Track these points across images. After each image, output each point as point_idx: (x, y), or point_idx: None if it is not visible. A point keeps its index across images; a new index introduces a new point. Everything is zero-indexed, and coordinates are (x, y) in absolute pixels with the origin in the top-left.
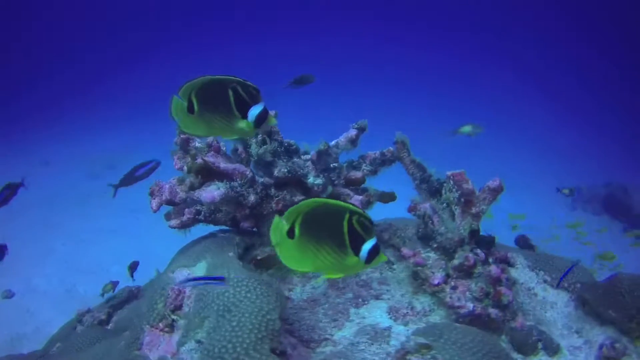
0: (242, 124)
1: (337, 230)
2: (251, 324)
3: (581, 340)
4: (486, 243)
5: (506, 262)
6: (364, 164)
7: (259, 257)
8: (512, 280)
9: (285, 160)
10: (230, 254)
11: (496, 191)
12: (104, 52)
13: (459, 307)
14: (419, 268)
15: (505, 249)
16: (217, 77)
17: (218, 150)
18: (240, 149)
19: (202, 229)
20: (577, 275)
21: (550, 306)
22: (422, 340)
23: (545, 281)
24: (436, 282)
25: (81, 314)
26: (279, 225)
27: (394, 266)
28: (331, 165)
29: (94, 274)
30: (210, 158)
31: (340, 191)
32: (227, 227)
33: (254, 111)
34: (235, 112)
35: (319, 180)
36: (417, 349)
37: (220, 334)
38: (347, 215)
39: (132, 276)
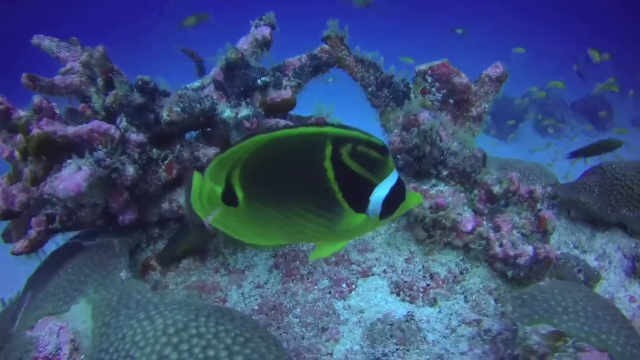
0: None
1: (314, 179)
2: None
3: (592, 257)
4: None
5: None
6: (286, 78)
7: (182, 249)
8: None
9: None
10: (122, 273)
11: (500, 80)
12: None
13: (516, 256)
14: (441, 213)
15: None
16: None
17: (53, 114)
18: (81, 106)
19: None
20: (540, 178)
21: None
22: (545, 328)
23: None
24: (470, 227)
25: None
26: (203, 189)
27: None
28: (257, 82)
29: None
30: (48, 127)
31: (268, 123)
32: (95, 229)
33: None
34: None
35: (245, 112)
36: (548, 344)
37: None
38: (328, 148)
39: None
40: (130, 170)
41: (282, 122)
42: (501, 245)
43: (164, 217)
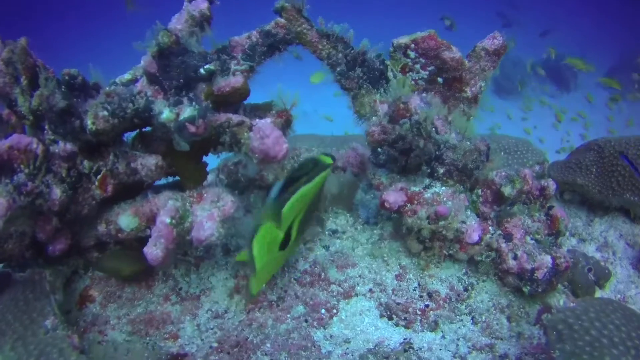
0: None
1: None
2: None
3: (593, 247)
4: None
5: None
6: (234, 62)
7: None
8: None
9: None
10: (48, 321)
11: (498, 54)
12: None
13: (533, 269)
14: (442, 223)
15: None
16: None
17: None
18: (5, 113)
19: None
20: (526, 156)
21: None
22: None
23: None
24: (476, 237)
25: None
26: (274, 238)
27: (350, 231)
28: (200, 72)
29: None
30: None
31: (218, 120)
32: (21, 262)
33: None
34: None
35: (188, 112)
36: None
37: None
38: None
39: None
40: (57, 192)
41: (235, 117)
42: (515, 257)
43: (102, 241)
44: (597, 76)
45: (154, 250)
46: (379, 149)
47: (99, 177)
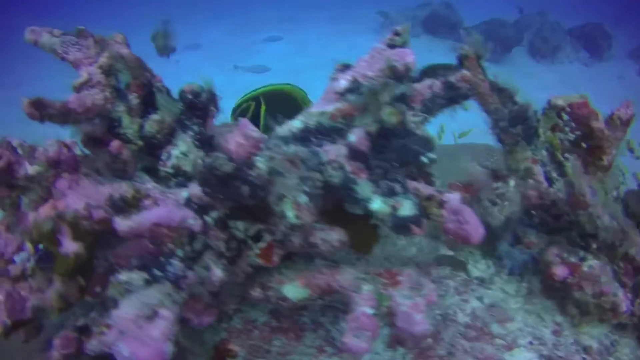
0: None
1: None
2: None
3: None
4: None
5: None
6: (411, 112)
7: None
8: None
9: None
10: None
11: (628, 123)
12: None
13: None
14: (604, 298)
15: None
16: None
17: (75, 166)
18: (114, 146)
19: None
20: None
21: None
22: None
23: None
24: (625, 307)
25: None
26: None
27: (496, 281)
28: (420, 159)
29: None
30: (76, 206)
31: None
32: None
33: None
34: None
35: (410, 209)
36: None
37: None
38: None
39: None
40: (218, 273)
41: (424, 189)
42: None
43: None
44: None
45: (356, 342)
46: (533, 212)
47: (261, 245)
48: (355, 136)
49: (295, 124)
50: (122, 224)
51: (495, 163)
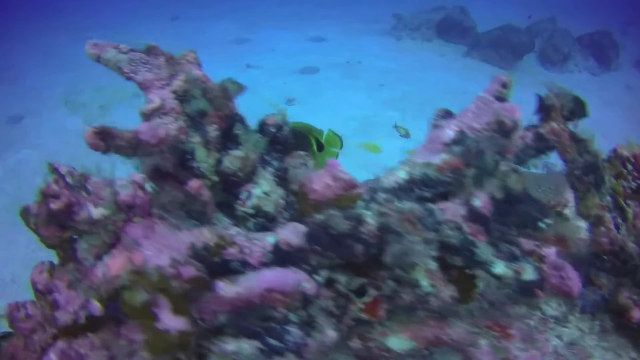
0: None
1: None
2: None
3: None
4: None
5: None
6: (503, 163)
7: None
8: None
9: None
10: None
11: None
12: None
13: None
14: None
15: None
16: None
17: (148, 211)
18: (194, 186)
19: None
20: None
21: None
22: None
23: None
24: None
25: None
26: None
27: (571, 319)
28: (539, 224)
29: None
30: (162, 263)
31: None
32: None
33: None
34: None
35: (532, 274)
36: None
37: None
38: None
39: None
40: (331, 334)
41: (524, 243)
42: None
43: None
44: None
45: None
46: (605, 257)
47: (366, 299)
48: (480, 200)
49: (400, 174)
50: (228, 290)
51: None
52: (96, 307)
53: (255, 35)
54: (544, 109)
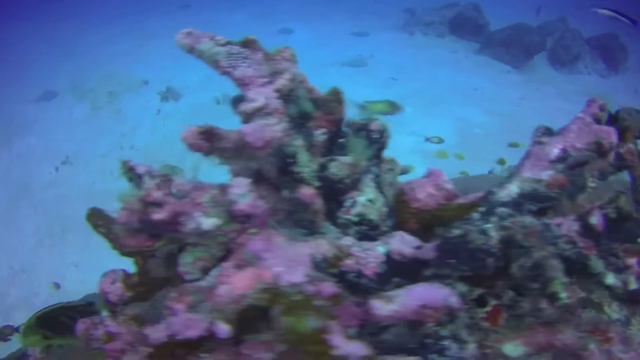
0: None
1: None
2: None
3: None
4: None
5: None
6: (589, 179)
7: None
8: None
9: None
10: None
11: None
12: None
13: None
14: None
15: None
16: None
17: (265, 222)
18: (304, 191)
19: None
20: None
21: None
22: None
23: None
24: None
25: None
26: None
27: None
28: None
29: None
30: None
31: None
32: None
33: None
34: None
35: (635, 284)
36: None
37: None
38: None
39: None
40: (472, 348)
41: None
42: None
43: None
44: None
45: None
46: None
47: (487, 309)
48: (596, 218)
49: (513, 188)
50: (384, 308)
51: None
52: (224, 329)
53: (268, 28)
54: (621, 129)
